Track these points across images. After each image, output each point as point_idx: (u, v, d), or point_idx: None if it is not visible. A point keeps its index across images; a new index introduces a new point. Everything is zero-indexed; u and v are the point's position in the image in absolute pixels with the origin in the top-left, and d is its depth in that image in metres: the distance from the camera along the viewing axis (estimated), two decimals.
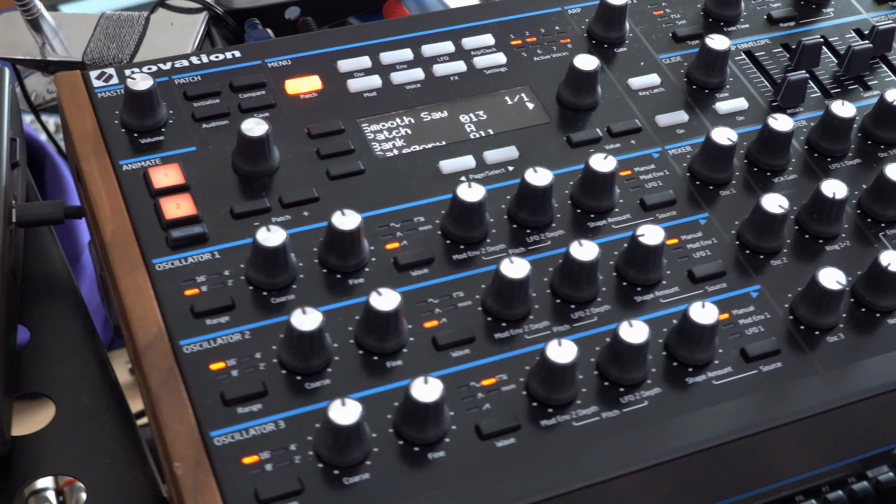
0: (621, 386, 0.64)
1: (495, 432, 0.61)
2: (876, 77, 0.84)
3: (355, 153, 0.74)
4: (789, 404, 0.64)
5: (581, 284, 0.67)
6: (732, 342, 0.67)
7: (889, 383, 0.66)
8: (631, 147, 0.77)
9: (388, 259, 0.69)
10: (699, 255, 0.71)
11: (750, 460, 0.65)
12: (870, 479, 1.05)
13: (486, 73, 0.80)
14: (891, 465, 1.06)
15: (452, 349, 0.65)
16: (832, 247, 0.73)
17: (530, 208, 0.71)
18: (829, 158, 0.78)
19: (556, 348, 0.62)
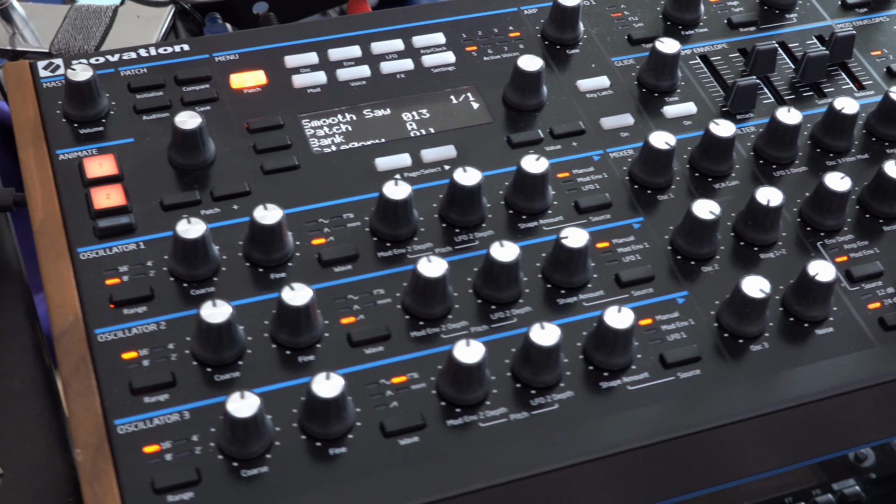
0: (534, 388, 0.64)
1: (399, 430, 0.61)
2: (833, 84, 0.83)
3: (292, 148, 0.74)
4: (702, 412, 0.64)
5: (501, 285, 0.67)
6: (652, 348, 0.67)
7: (810, 394, 0.65)
8: (572, 149, 0.76)
9: (312, 254, 0.69)
10: (629, 259, 0.71)
11: (657, 468, 0.64)
12: (835, 493, 1.04)
13: (433, 71, 0.80)
14: (857, 479, 1.05)
15: (366, 346, 0.65)
16: (767, 255, 0.72)
17: (459, 208, 0.71)
18: (775, 165, 0.77)
19: (463, 348, 0.62)
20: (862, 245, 0.73)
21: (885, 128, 0.79)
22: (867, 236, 0.73)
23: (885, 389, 0.67)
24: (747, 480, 0.69)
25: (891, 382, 0.67)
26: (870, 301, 0.70)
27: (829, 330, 0.68)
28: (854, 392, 0.66)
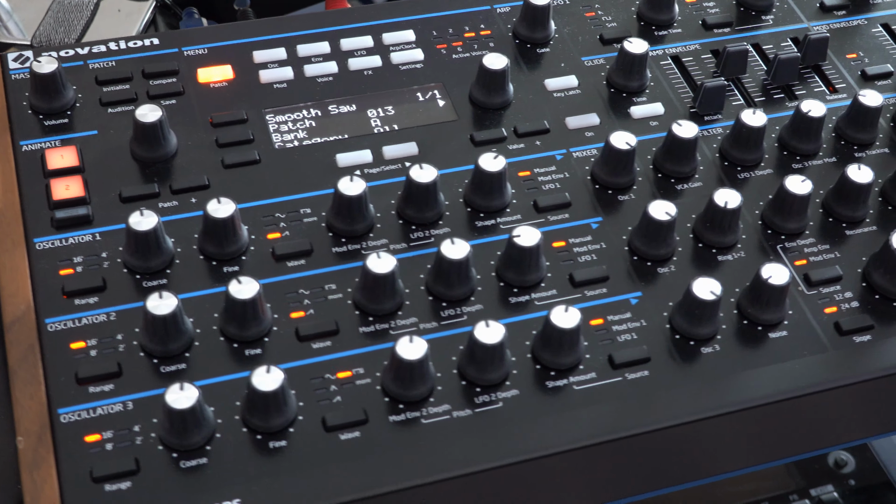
0: (479, 386, 0.64)
1: (340, 425, 0.62)
2: (805, 87, 0.82)
3: (253, 143, 0.75)
4: (647, 414, 0.64)
5: (452, 282, 0.67)
6: (602, 348, 0.66)
7: (758, 398, 0.65)
8: (535, 148, 0.76)
9: (266, 248, 0.69)
10: (584, 259, 0.70)
11: (597, 469, 0.64)
12: (812, 498, 1.03)
13: (401, 68, 0.80)
14: (836, 485, 1.04)
15: (314, 340, 0.65)
16: (726, 257, 0.71)
17: (416, 205, 0.71)
18: (739, 168, 0.77)
19: (406, 345, 0.62)
20: (823, 249, 0.72)
21: (854, 131, 0.78)
22: (829, 240, 0.73)
23: (836, 395, 0.66)
24: (693, 485, 0.69)
25: (841, 388, 0.66)
26: (827, 305, 0.69)
27: (782, 333, 0.68)
28: (803, 397, 0.65)
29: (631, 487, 0.67)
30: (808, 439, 0.70)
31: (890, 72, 0.84)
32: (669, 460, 0.67)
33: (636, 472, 0.66)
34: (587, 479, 0.65)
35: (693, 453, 0.67)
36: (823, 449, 0.72)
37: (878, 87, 0.83)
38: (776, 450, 0.69)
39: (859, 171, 0.73)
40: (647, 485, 0.67)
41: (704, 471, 0.69)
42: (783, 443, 0.69)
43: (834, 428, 0.70)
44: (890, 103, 0.81)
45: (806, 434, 0.69)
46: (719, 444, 0.67)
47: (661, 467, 0.67)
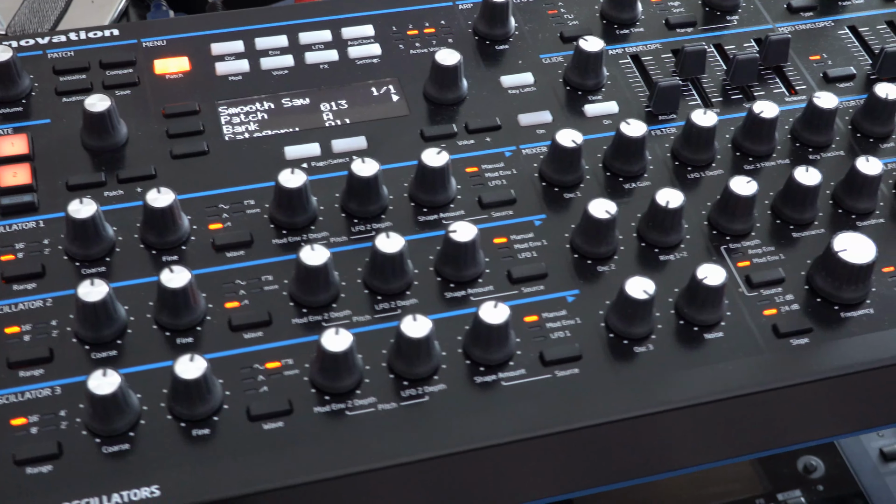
0: (407, 380, 0.64)
1: (264, 415, 0.62)
2: (765, 88, 0.82)
3: (203, 134, 0.75)
4: (571, 411, 0.63)
5: (387, 276, 0.67)
6: (534, 345, 0.66)
7: (686, 399, 0.65)
8: (485, 144, 0.76)
9: (207, 239, 0.70)
10: (524, 256, 0.70)
11: (518, 465, 0.64)
12: (779, 503, 1.03)
13: (357, 63, 0.81)
14: (804, 490, 1.04)
15: (246, 331, 0.66)
16: (668, 257, 0.71)
17: (358, 199, 0.71)
18: (690, 168, 0.76)
19: (331, 337, 0.62)
20: (767, 251, 0.72)
21: (809, 133, 0.78)
22: (775, 242, 0.72)
23: (768, 397, 0.66)
24: (621, 485, 0.69)
25: (774, 391, 0.66)
26: (766, 307, 0.69)
27: (718, 335, 0.68)
28: (733, 399, 0.65)
29: (555, 485, 0.67)
30: (742, 442, 0.69)
31: (852, 74, 0.83)
32: (595, 459, 0.66)
33: (560, 470, 0.66)
34: (509, 476, 0.65)
35: (620, 453, 0.67)
36: (760, 453, 0.71)
37: (839, 89, 0.82)
38: (708, 452, 0.69)
39: (807, 174, 0.72)
40: (573, 483, 0.67)
41: (633, 471, 0.69)
42: (715, 445, 0.69)
43: (769, 431, 0.69)
44: (850, 106, 0.81)
45: (740, 437, 0.69)
46: (646, 445, 0.67)
47: (586, 466, 0.67)
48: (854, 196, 0.74)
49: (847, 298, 0.69)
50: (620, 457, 0.68)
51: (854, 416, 0.71)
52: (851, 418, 0.71)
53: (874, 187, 0.74)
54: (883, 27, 0.87)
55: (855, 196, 0.74)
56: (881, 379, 0.68)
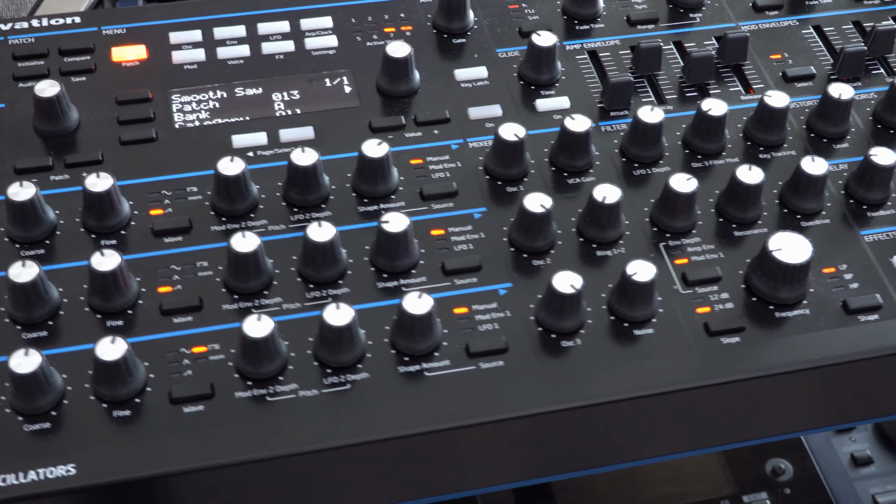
0: (330, 368, 0.65)
1: (185, 398, 0.63)
2: (721, 86, 0.81)
3: (154, 122, 0.76)
4: (488, 404, 0.64)
5: (318, 265, 0.68)
6: (462, 336, 0.67)
7: (606, 395, 0.65)
8: (432, 137, 0.77)
9: (147, 224, 0.71)
10: (460, 248, 0.71)
11: (436, 457, 0.64)
12: None
13: (313, 54, 0.81)
14: (770, 493, 1.03)
15: (176, 315, 0.67)
16: (605, 252, 0.71)
17: (298, 188, 0.72)
18: (637, 164, 0.76)
19: (253, 323, 0.63)
20: (707, 249, 0.72)
21: (760, 132, 0.77)
22: (716, 241, 0.72)
23: (692, 395, 0.66)
24: (539, 481, 0.69)
25: (699, 389, 0.66)
26: (700, 305, 0.69)
27: (648, 331, 0.67)
28: (656, 396, 0.65)
29: (473, 477, 0.67)
30: (666, 440, 0.69)
31: (812, 74, 0.82)
32: (515, 452, 0.67)
33: (479, 462, 0.66)
34: (424, 467, 0.65)
35: (540, 446, 0.67)
36: (684, 452, 0.71)
37: (798, 89, 0.81)
38: (631, 449, 0.69)
39: (749, 172, 0.72)
40: (492, 476, 0.67)
41: (554, 466, 0.69)
42: (637, 442, 0.69)
43: (694, 430, 0.69)
44: (807, 106, 0.80)
45: (664, 434, 0.69)
46: (568, 439, 0.67)
47: (506, 459, 0.67)
48: (799, 196, 0.73)
49: (783, 298, 0.69)
50: (541, 451, 0.68)
51: (782, 419, 0.70)
52: (779, 420, 0.70)
53: (819, 187, 0.73)
54: (849, 27, 0.86)
55: (800, 196, 0.73)
56: (810, 381, 0.67)
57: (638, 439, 0.69)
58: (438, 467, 0.65)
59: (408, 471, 0.65)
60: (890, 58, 0.84)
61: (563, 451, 0.68)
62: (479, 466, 0.66)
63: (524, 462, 0.68)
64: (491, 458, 0.66)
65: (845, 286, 0.70)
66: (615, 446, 0.69)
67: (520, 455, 0.67)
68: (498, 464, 0.67)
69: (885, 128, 0.79)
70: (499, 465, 0.67)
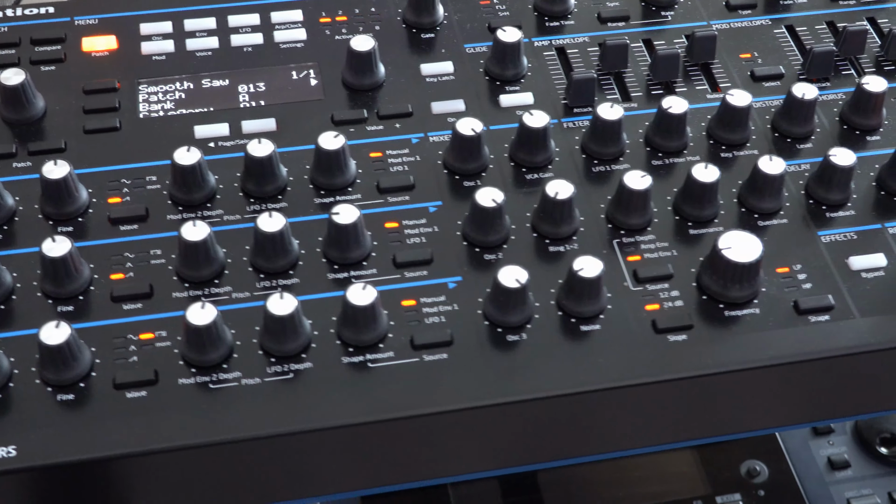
0: (275, 357, 0.65)
1: (129, 383, 0.64)
2: (688, 84, 0.81)
3: (119, 111, 0.77)
4: (433, 396, 0.64)
5: (268, 255, 0.68)
6: (408, 329, 0.67)
7: (548, 389, 0.65)
8: (394, 130, 0.77)
9: (104, 212, 0.72)
10: (413, 241, 0.71)
11: (374, 449, 0.65)
12: None
13: (281, 46, 0.82)
14: (744, 494, 1.03)
15: (126, 302, 0.67)
16: (557, 248, 0.71)
17: (254, 179, 0.72)
18: (597, 161, 0.76)
19: (196, 311, 0.63)
20: (661, 246, 0.72)
21: (723, 131, 0.77)
22: (670, 238, 0.72)
23: (636, 392, 0.66)
24: (482, 475, 0.69)
25: (644, 385, 0.66)
26: (649, 302, 0.69)
27: (595, 327, 0.67)
28: (597, 392, 0.65)
29: (410, 470, 0.67)
30: (607, 437, 0.69)
31: (780, 74, 0.82)
32: (455, 445, 0.67)
33: (418, 455, 0.67)
34: (362, 457, 0.65)
35: (479, 440, 0.67)
36: (626, 450, 0.71)
37: (766, 88, 0.81)
38: (570, 445, 0.69)
39: (705, 171, 0.72)
40: (429, 469, 0.68)
41: (491, 461, 0.69)
42: (578, 438, 0.69)
43: (637, 428, 0.69)
44: (773, 105, 0.80)
45: (605, 431, 0.69)
46: (507, 434, 0.67)
47: (444, 451, 0.67)
48: (757, 195, 0.73)
49: (732, 297, 0.69)
50: (483, 444, 0.68)
51: (728, 418, 0.70)
52: (726, 419, 0.70)
53: (776, 187, 0.73)
54: (822, 27, 0.86)
55: (758, 195, 0.73)
56: (757, 380, 0.67)
57: (582, 435, 0.69)
58: (379, 458, 0.66)
59: (347, 461, 0.65)
60: (861, 58, 0.84)
61: (505, 446, 0.68)
62: (420, 458, 0.67)
63: (466, 455, 0.68)
64: (432, 450, 0.67)
65: (798, 286, 0.70)
66: (559, 441, 0.69)
67: (460, 448, 0.67)
68: (439, 456, 0.67)
69: (850, 129, 0.79)
70: (440, 457, 0.67)
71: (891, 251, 0.72)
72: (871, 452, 1.04)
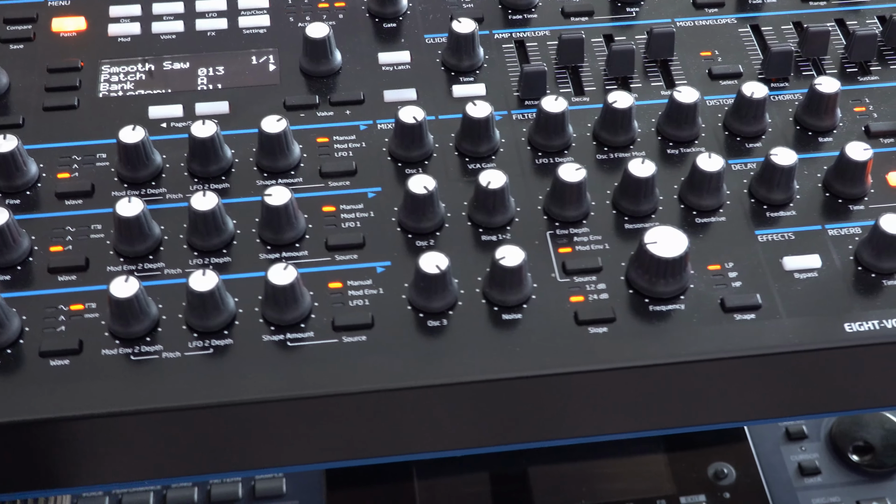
0: (197, 332, 0.67)
1: (53, 352, 0.66)
2: (643, 80, 0.81)
3: (79, 90, 0.79)
4: (344, 376, 0.65)
5: (201, 233, 0.70)
6: (331, 310, 0.68)
7: (459, 376, 0.65)
8: (344, 117, 0.78)
9: (52, 187, 0.74)
10: (348, 225, 0.72)
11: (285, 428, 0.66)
12: None
13: (244, 32, 0.84)
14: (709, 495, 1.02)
15: (61, 273, 0.69)
16: (490, 237, 0.72)
17: (199, 159, 0.74)
18: (541, 153, 0.77)
19: (120, 284, 0.65)
20: (594, 240, 0.72)
21: (670, 128, 0.77)
22: (605, 232, 0.72)
23: (549, 382, 0.66)
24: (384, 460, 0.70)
25: (558, 376, 0.66)
26: (574, 294, 0.69)
27: (517, 316, 0.68)
28: (511, 380, 0.66)
29: (319, 451, 0.69)
30: (519, 427, 0.70)
31: (739, 72, 0.82)
32: (366, 428, 0.68)
33: (331, 435, 0.68)
34: (274, 434, 0.67)
35: (394, 425, 0.68)
36: (538, 442, 0.71)
37: (722, 86, 0.81)
38: (481, 434, 0.70)
39: (641, 166, 0.72)
40: (344, 451, 0.69)
41: (401, 445, 0.70)
42: (487, 427, 0.69)
43: (549, 418, 0.69)
44: (727, 104, 0.80)
45: (518, 421, 0.69)
46: (418, 419, 0.68)
47: (357, 434, 0.68)
48: (696, 192, 0.73)
49: (658, 292, 0.69)
50: (395, 428, 0.69)
51: (644, 414, 0.70)
52: (641, 415, 0.70)
53: (714, 184, 0.73)
54: (788, 28, 0.85)
55: (696, 192, 0.73)
56: (672, 377, 0.67)
57: (499, 424, 0.69)
58: (290, 436, 0.67)
59: (258, 437, 0.67)
60: (824, 60, 0.83)
61: (419, 430, 0.69)
62: (334, 438, 0.68)
63: (378, 438, 0.69)
64: (345, 431, 0.68)
65: (727, 284, 0.70)
66: (476, 428, 0.70)
67: (374, 430, 0.68)
68: (353, 437, 0.68)
69: (804, 130, 0.78)
70: (354, 438, 0.68)
71: (827, 253, 0.71)
72: (843, 460, 1.03)
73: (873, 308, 0.69)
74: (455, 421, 0.69)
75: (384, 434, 0.69)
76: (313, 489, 1.01)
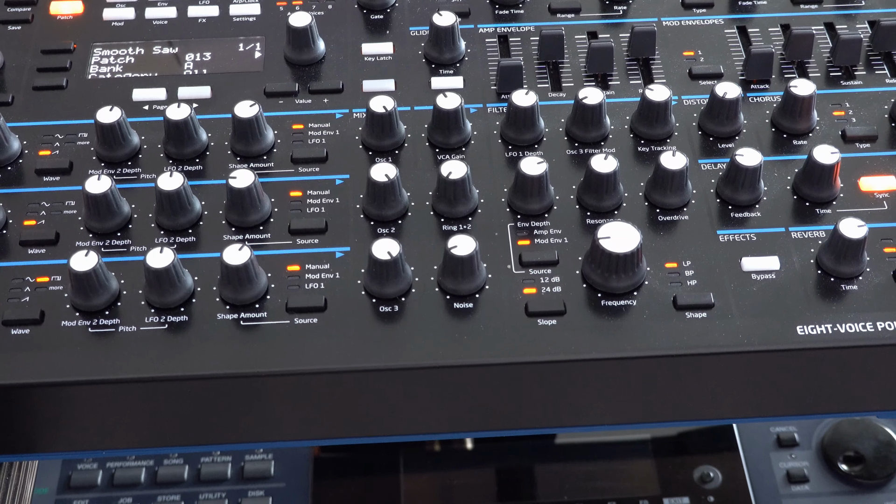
0: (154, 308, 0.69)
1: (14, 321, 0.68)
2: (622, 78, 0.82)
3: (68, 71, 0.82)
4: (290, 356, 0.66)
5: (168, 213, 0.72)
6: (287, 292, 0.69)
7: (401, 361, 0.66)
8: (321, 105, 0.80)
9: (33, 164, 0.76)
10: (312, 210, 0.74)
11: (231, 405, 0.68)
12: None
13: (234, 20, 0.86)
14: (693, 498, 1.02)
15: (32, 247, 0.72)
16: (451, 227, 0.73)
17: (174, 142, 0.76)
18: (511, 147, 0.77)
19: (80, 258, 0.67)
20: (554, 233, 0.72)
21: (642, 126, 0.77)
22: (565, 226, 0.73)
23: (493, 372, 0.67)
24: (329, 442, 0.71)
25: (501, 366, 0.67)
26: (528, 286, 0.70)
27: (468, 305, 0.69)
28: (455, 368, 0.66)
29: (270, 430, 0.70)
30: (463, 417, 0.71)
31: (719, 73, 0.81)
32: (311, 409, 0.69)
33: (275, 415, 0.69)
34: (211, 412, 0.68)
35: (338, 407, 0.69)
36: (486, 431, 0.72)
37: (702, 87, 0.81)
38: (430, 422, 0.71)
39: (604, 161, 0.72)
40: (290, 431, 0.70)
41: (347, 428, 0.71)
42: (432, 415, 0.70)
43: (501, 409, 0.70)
44: (703, 104, 0.79)
45: (461, 410, 0.70)
46: (362, 403, 0.69)
47: (304, 415, 0.69)
48: (660, 190, 0.73)
49: (610, 287, 0.69)
50: (340, 411, 0.70)
51: (590, 409, 0.70)
52: (584, 410, 0.71)
53: (677, 183, 0.73)
54: (775, 29, 0.85)
55: (660, 190, 0.73)
56: (615, 372, 0.67)
57: (441, 411, 0.70)
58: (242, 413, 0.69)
59: (209, 413, 0.68)
60: (809, 63, 0.82)
61: (365, 413, 0.70)
62: (285, 418, 0.69)
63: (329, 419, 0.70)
64: (296, 411, 0.69)
65: (683, 282, 0.70)
66: (419, 415, 0.71)
67: (322, 412, 0.70)
68: (304, 418, 0.70)
69: (779, 132, 0.78)
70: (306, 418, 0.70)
71: (788, 255, 0.71)
72: (833, 469, 1.01)
73: (828, 312, 0.68)
74: (406, 406, 0.70)
75: (333, 416, 0.70)
76: (300, 471, 1.03)
